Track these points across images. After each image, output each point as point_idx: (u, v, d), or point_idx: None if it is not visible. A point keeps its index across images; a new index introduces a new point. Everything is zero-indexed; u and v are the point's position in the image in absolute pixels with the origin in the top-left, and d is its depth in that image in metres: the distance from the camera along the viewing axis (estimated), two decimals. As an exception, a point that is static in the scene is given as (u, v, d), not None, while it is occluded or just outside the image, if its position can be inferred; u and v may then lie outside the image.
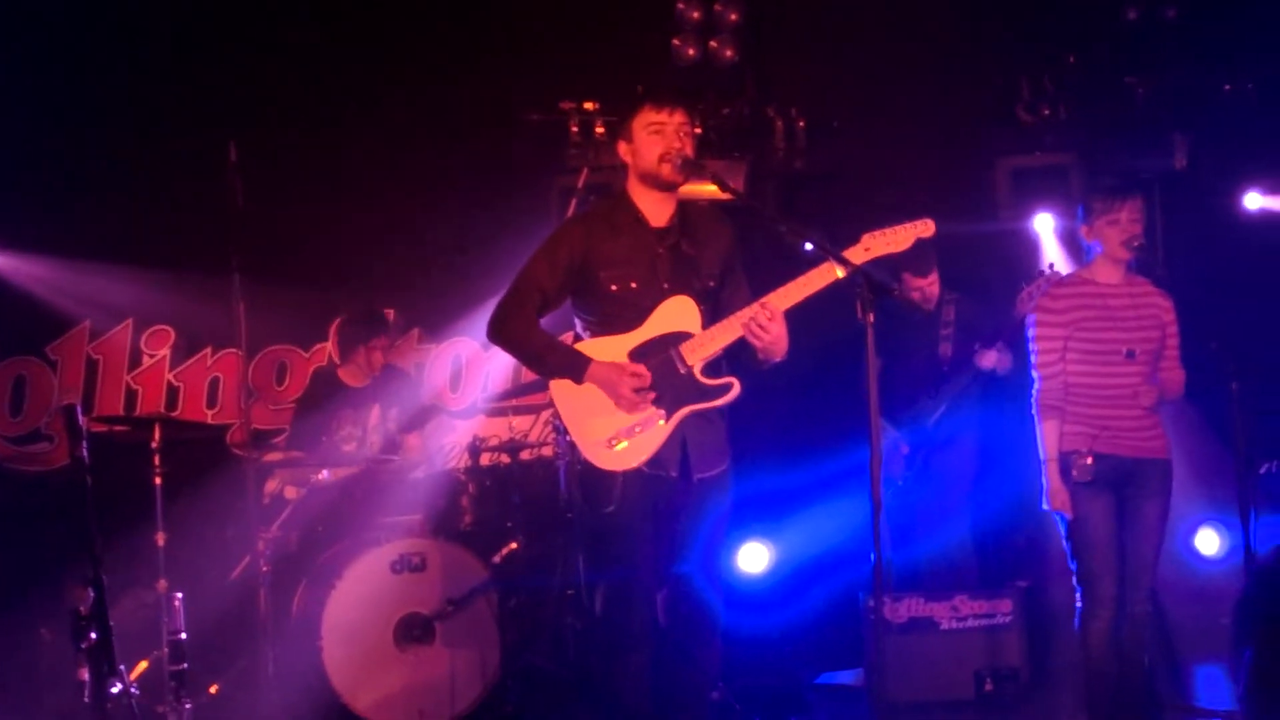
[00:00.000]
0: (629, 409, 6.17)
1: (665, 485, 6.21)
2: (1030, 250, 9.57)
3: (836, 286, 6.07)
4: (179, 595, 7.81)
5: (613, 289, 6.28)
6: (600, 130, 9.46)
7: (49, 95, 10.06)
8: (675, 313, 6.27)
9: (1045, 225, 9.58)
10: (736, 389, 6.22)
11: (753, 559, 9.47)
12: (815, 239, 6.23)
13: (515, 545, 8.53)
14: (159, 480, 7.94)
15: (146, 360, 10.48)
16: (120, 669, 6.87)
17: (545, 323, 6.45)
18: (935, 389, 8.84)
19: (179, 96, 10.13)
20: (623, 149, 6.39)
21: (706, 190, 6.76)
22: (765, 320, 6.08)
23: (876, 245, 6.12)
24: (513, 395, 9.87)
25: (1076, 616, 7.11)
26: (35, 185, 10.08)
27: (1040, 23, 9.75)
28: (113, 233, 10.11)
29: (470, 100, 10.21)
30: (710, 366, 6.24)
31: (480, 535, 8.64)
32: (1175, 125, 9.44)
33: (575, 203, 9.32)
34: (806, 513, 9.45)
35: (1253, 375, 7.35)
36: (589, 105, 9.60)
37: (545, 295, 6.38)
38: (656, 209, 6.37)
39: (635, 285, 6.27)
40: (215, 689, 8.44)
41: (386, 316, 9.79)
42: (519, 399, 9.80)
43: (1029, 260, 9.38)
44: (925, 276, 8.93)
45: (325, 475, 8.84)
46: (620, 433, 6.17)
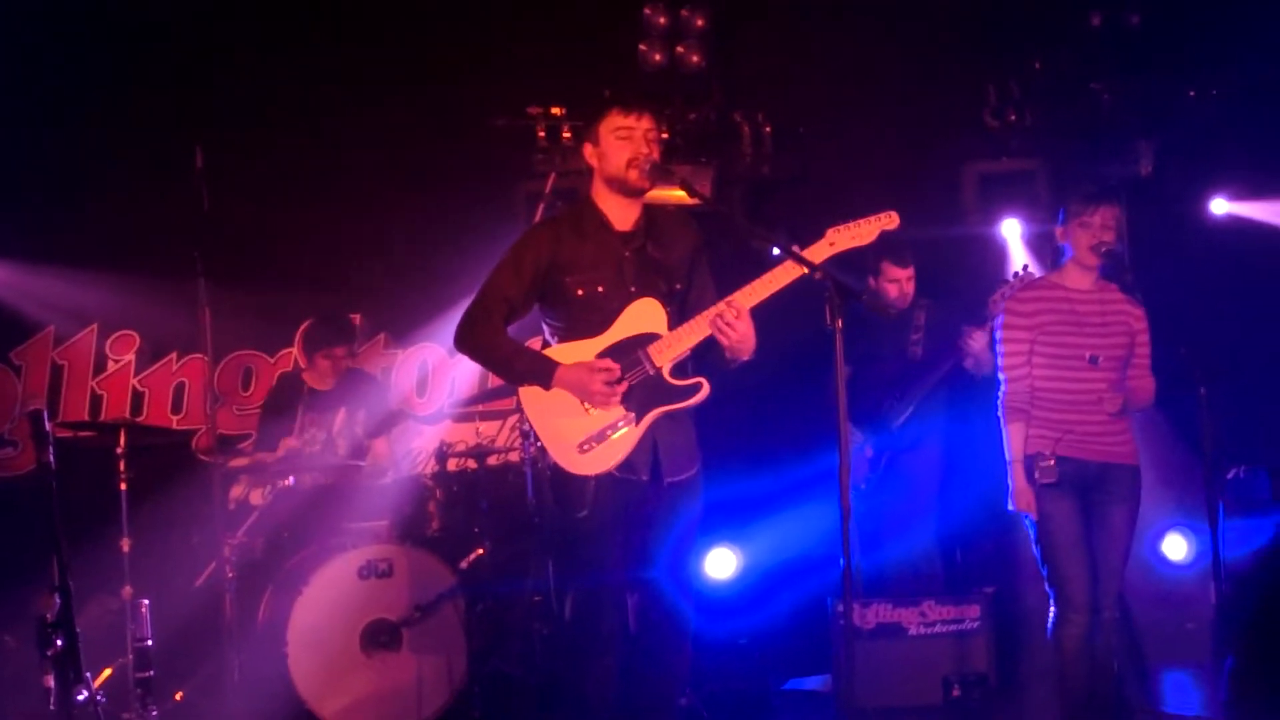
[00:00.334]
0: (602, 406, 6.16)
1: (637, 489, 6.19)
2: (997, 255, 9.59)
3: (804, 291, 6.06)
4: (145, 602, 7.78)
5: (579, 293, 6.27)
6: (567, 135, 9.48)
7: (12, 99, 10.00)
8: (642, 315, 6.25)
9: (1012, 230, 9.60)
10: (706, 389, 6.21)
11: (720, 564, 9.47)
12: (782, 243, 6.23)
13: (482, 551, 8.53)
14: (124, 486, 7.94)
15: (112, 365, 10.45)
16: (86, 676, 6.83)
17: (515, 329, 6.43)
18: (901, 391, 8.83)
19: (145, 101, 10.09)
20: (588, 152, 6.37)
21: (674, 195, 6.74)
22: (732, 318, 6.07)
23: (841, 239, 6.11)
24: (480, 400, 9.87)
25: (1050, 622, 7.11)
26: (-1, 190, 10.04)
27: (1006, 29, 9.78)
28: (78, 237, 10.07)
29: (438, 105, 10.20)
30: (678, 368, 6.23)
31: (447, 541, 8.62)
32: (1140, 131, 9.48)
33: (543, 207, 9.33)
34: (774, 518, 9.44)
35: (1220, 380, 7.37)
36: (556, 110, 9.61)
37: (511, 304, 6.36)
38: (621, 213, 6.36)
39: (601, 289, 6.26)
40: (180, 696, 8.43)
41: (352, 322, 9.78)
42: (486, 404, 9.81)
43: (996, 265, 9.40)
44: (905, 268, 8.89)
45: (291, 481, 8.82)
46: (591, 436, 6.16)
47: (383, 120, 10.25)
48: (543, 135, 9.61)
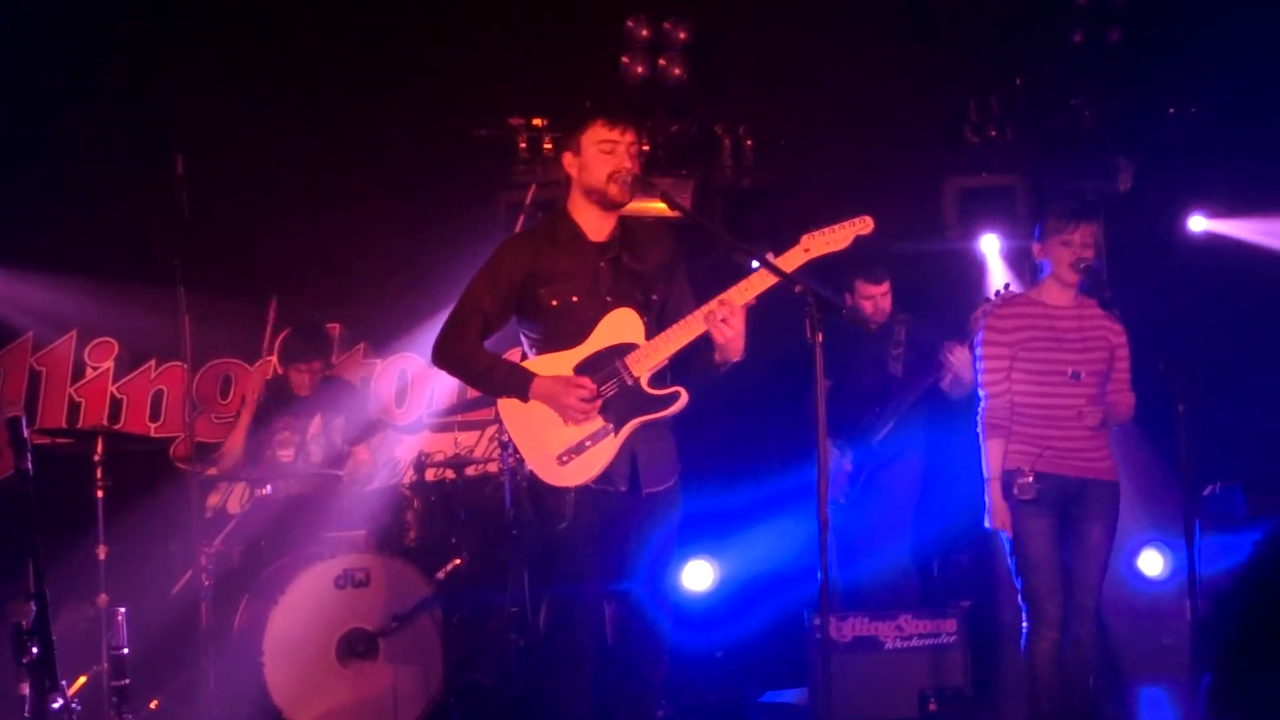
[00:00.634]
0: (577, 420, 6.15)
1: (615, 501, 6.18)
2: (977, 270, 9.60)
3: (784, 304, 6.06)
4: (122, 610, 7.75)
5: (553, 304, 6.26)
6: (548, 146, 9.46)
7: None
8: (619, 325, 6.24)
9: (991, 246, 9.61)
10: (684, 398, 6.19)
11: (698, 576, 9.47)
12: (761, 256, 6.23)
13: (460, 561, 8.50)
14: (101, 493, 7.91)
15: (90, 372, 10.40)
16: (62, 684, 6.80)
17: (494, 341, 6.42)
18: (881, 406, 8.84)
19: (125, 108, 10.06)
20: (568, 161, 6.35)
21: (655, 207, 6.75)
22: (726, 314, 6.06)
23: (815, 245, 6.12)
24: (458, 411, 9.87)
25: (1023, 637, 7.13)
26: (-22, 196, 10.00)
27: (987, 44, 9.81)
28: (57, 244, 10.01)
29: (419, 115, 10.19)
30: (657, 377, 6.23)
31: (425, 551, 8.61)
32: (1120, 148, 9.51)
33: (523, 218, 9.32)
34: (751, 531, 9.45)
35: (1198, 396, 7.38)
36: (537, 121, 9.60)
37: (486, 317, 6.35)
38: (597, 224, 6.35)
39: (576, 299, 6.25)
40: (156, 704, 8.40)
41: (329, 334, 9.75)
42: (465, 414, 9.80)
43: (975, 280, 9.42)
44: (879, 284, 8.91)
45: (269, 489, 8.80)
46: (570, 448, 6.15)
47: (364, 130, 10.24)
48: (524, 146, 9.61)
